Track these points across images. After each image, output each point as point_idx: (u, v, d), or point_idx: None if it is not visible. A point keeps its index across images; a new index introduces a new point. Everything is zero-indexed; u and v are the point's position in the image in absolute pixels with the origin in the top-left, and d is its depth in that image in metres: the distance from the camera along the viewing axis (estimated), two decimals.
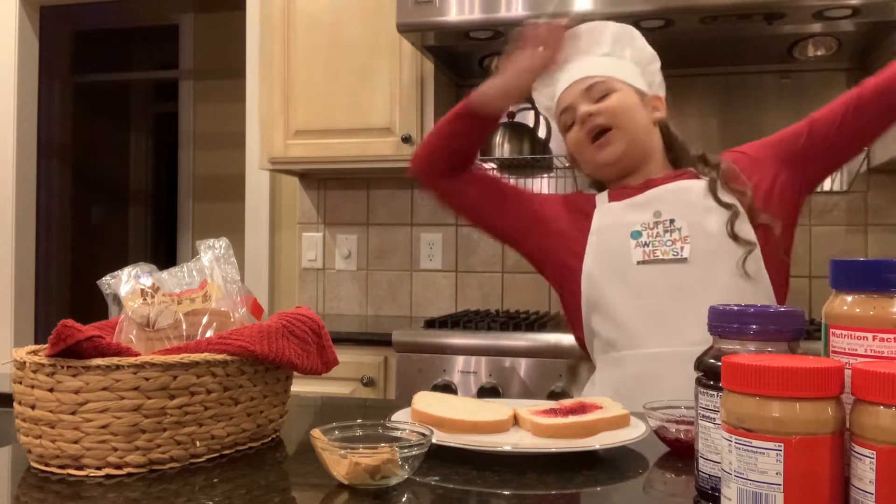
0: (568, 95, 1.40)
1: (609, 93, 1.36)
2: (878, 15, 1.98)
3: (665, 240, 1.29)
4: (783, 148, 1.35)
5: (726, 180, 1.32)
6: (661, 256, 1.29)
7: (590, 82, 1.38)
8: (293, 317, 0.95)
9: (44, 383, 0.78)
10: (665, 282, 1.28)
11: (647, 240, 1.31)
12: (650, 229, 1.31)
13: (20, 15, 3.18)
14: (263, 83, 2.62)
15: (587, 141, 1.37)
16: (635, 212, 1.34)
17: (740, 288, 1.26)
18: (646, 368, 1.27)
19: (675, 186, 1.35)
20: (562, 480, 0.77)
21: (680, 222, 1.30)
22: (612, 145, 1.36)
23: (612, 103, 1.35)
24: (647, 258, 1.30)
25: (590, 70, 1.39)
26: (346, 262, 2.89)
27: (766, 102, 2.53)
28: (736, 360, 0.57)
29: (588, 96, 1.37)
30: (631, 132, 1.36)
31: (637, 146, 1.38)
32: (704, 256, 1.28)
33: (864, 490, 0.53)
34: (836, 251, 2.49)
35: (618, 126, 1.35)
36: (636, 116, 1.37)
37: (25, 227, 3.24)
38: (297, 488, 0.78)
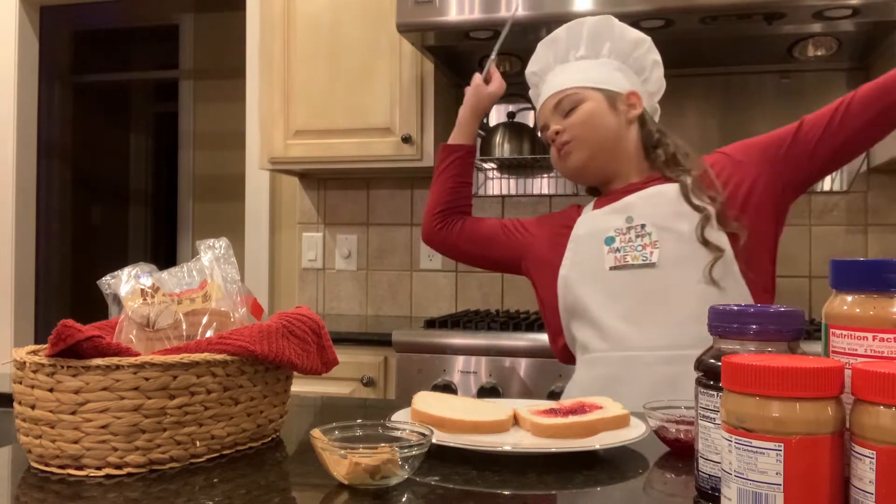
0: (543, 113, 1.46)
1: (577, 105, 1.39)
2: (878, 15, 1.98)
3: (636, 245, 1.31)
4: (769, 151, 1.34)
5: (699, 184, 1.32)
6: (632, 262, 1.31)
7: (559, 97, 1.42)
8: (293, 317, 0.95)
9: (44, 383, 0.78)
10: (634, 286, 1.30)
11: (619, 245, 1.33)
12: (623, 234, 1.33)
13: (20, 15, 3.18)
14: (263, 83, 2.62)
15: (556, 155, 1.44)
16: (611, 218, 1.37)
17: (708, 294, 1.26)
18: (612, 371, 1.30)
19: (649, 192, 1.36)
20: (562, 480, 0.77)
21: (650, 227, 1.31)
22: (572, 154, 1.40)
23: (576, 118, 1.39)
24: (619, 263, 1.32)
25: (560, 84, 1.43)
26: (346, 262, 2.89)
27: (766, 102, 2.53)
28: (736, 360, 0.57)
29: (558, 111, 1.42)
30: (593, 141, 1.39)
31: (603, 151, 1.40)
32: (673, 261, 1.28)
33: (864, 490, 0.53)
34: (836, 251, 2.49)
35: (578, 138, 1.39)
36: (602, 124, 1.39)
37: (25, 227, 3.24)
38: (297, 488, 0.78)
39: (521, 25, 2.13)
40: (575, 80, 1.42)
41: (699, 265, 1.27)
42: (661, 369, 1.25)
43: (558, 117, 1.42)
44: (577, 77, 1.42)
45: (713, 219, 1.28)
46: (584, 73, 1.42)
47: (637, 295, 1.30)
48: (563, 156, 1.41)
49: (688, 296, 1.27)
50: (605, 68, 1.43)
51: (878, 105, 1.25)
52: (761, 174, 1.33)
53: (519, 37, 2.23)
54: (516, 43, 2.31)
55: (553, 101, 1.43)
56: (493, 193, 2.77)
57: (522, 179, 2.74)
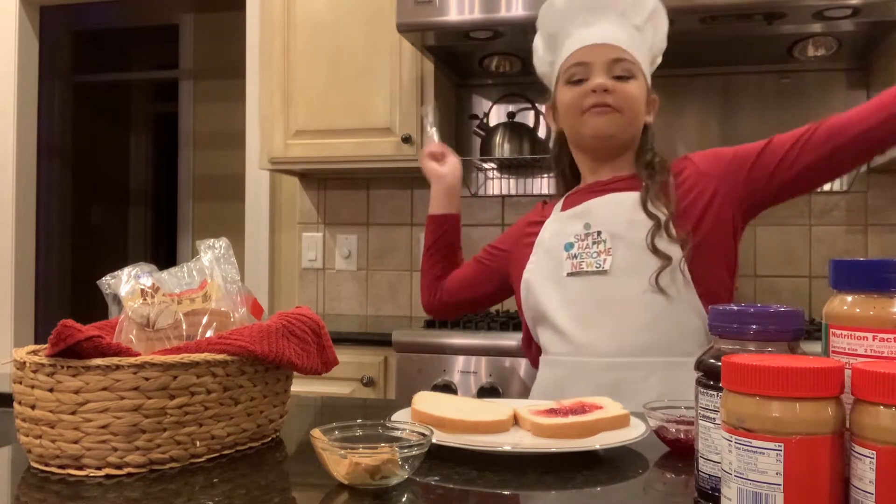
0: (591, 53, 1.33)
1: (631, 77, 1.32)
2: (878, 15, 1.98)
3: (592, 251, 1.30)
4: (733, 165, 1.32)
5: (658, 192, 1.30)
6: (586, 269, 1.30)
7: (618, 55, 1.32)
8: (293, 317, 0.95)
9: (44, 383, 0.78)
10: (588, 293, 1.30)
11: (576, 251, 1.32)
12: (581, 240, 1.32)
13: (20, 15, 3.18)
14: (263, 83, 2.62)
15: (587, 107, 1.32)
16: (572, 223, 1.35)
17: (654, 302, 1.25)
18: (563, 373, 1.31)
19: (608, 199, 1.34)
20: (562, 480, 0.77)
21: (605, 234, 1.30)
22: (608, 116, 1.31)
23: (628, 89, 1.31)
24: (575, 270, 1.31)
25: (622, 40, 1.32)
26: (346, 262, 2.89)
27: (766, 102, 2.53)
28: (736, 360, 0.57)
29: (610, 69, 1.32)
30: (630, 124, 1.34)
31: (626, 135, 1.35)
32: (623, 269, 1.27)
33: (864, 490, 0.53)
34: (836, 251, 2.49)
35: (622, 111, 1.32)
36: (640, 108, 1.35)
37: (25, 227, 3.24)
38: (297, 488, 0.78)
39: (521, 26, 2.13)
40: (636, 48, 1.33)
41: (648, 274, 1.26)
42: (604, 375, 1.25)
43: (608, 75, 1.32)
44: (632, 42, 1.33)
45: (664, 228, 1.26)
46: (641, 48, 1.35)
47: (590, 301, 1.29)
48: (600, 113, 1.32)
49: (636, 304, 1.26)
50: (648, 57, 1.38)
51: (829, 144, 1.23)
52: (721, 188, 1.31)
53: (519, 37, 2.23)
54: (516, 43, 2.32)
55: (611, 53, 1.32)
56: (492, 193, 2.77)
57: (522, 179, 2.74)
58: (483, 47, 2.38)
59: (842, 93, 2.49)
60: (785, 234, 2.53)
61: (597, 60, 1.32)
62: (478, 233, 2.78)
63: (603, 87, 1.30)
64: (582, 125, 1.35)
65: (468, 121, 2.73)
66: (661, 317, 1.25)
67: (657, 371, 1.24)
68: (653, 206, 1.28)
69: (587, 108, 1.32)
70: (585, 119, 1.33)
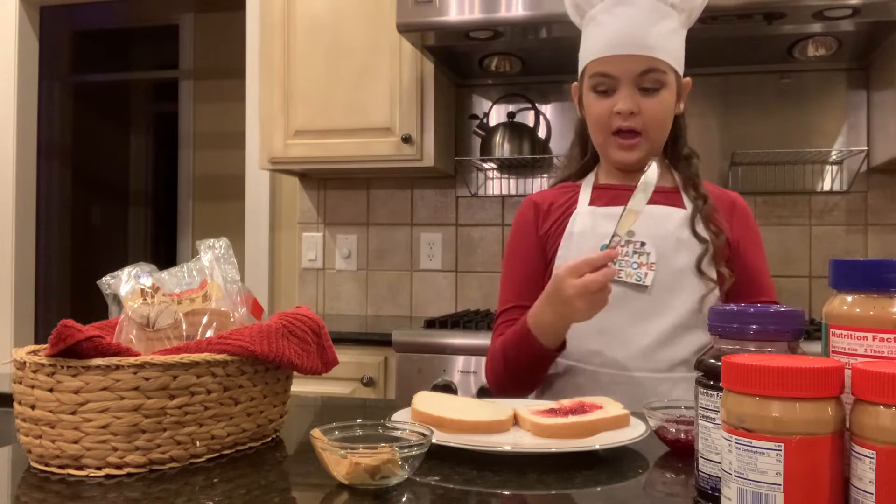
0: (616, 65, 1.25)
1: (661, 88, 1.26)
2: (878, 15, 1.98)
3: (632, 261, 1.25)
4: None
5: (707, 215, 1.28)
6: (625, 279, 1.24)
7: (647, 66, 1.24)
8: (293, 317, 0.95)
9: (44, 383, 0.78)
10: (622, 305, 1.23)
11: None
12: (621, 246, 1.25)
13: (20, 15, 3.18)
14: (263, 83, 2.62)
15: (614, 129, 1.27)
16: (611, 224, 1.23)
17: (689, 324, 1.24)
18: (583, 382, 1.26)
19: (657, 211, 1.27)
20: (562, 480, 0.77)
21: (650, 247, 1.25)
22: (636, 151, 1.28)
23: (656, 108, 1.26)
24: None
25: (651, 48, 1.24)
26: (346, 262, 2.89)
27: (766, 102, 2.53)
28: (736, 360, 0.57)
29: (638, 82, 1.25)
30: (657, 142, 1.30)
31: (654, 152, 1.30)
32: (664, 288, 1.24)
33: (864, 490, 0.53)
34: (836, 251, 2.49)
35: (648, 135, 1.27)
36: (667, 122, 1.30)
37: (25, 227, 3.24)
38: (297, 488, 0.78)
39: (521, 26, 2.13)
40: (664, 47, 1.25)
41: (685, 294, 1.24)
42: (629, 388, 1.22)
43: (635, 89, 1.25)
44: (666, 45, 1.25)
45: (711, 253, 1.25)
46: (670, 38, 1.26)
47: (622, 314, 1.23)
48: (627, 147, 1.27)
49: (670, 323, 1.24)
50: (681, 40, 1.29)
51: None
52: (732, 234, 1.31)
53: (519, 37, 2.23)
54: (516, 43, 2.32)
55: (639, 65, 1.24)
56: (492, 193, 2.77)
57: (522, 179, 2.74)
58: (483, 47, 2.38)
59: (842, 93, 2.49)
60: (785, 234, 2.53)
61: (623, 75, 1.25)
62: (478, 232, 2.78)
63: (629, 111, 1.25)
64: (608, 147, 1.31)
65: (468, 121, 2.73)
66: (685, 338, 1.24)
67: (679, 384, 1.23)
68: (701, 229, 1.26)
69: (614, 129, 1.27)
70: (611, 144, 1.29)
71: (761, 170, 2.53)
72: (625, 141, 1.27)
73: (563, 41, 2.19)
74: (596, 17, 1.29)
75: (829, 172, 2.50)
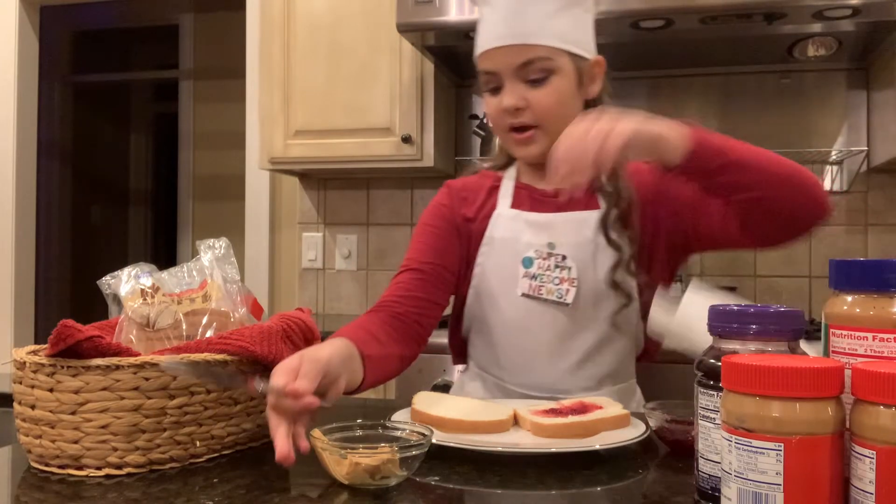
0: (496, 60, 1.15)
1: (549, 75, 1.13)
2: (878, 15, 1.98)
3: (553, 277, 1.16)
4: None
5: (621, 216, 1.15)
6: (546, 296, 1.16)
7: (528, 55, 1.12)
8: (292, 320, 0.95)
9: (44, 383, 0.78)
10: (543, 322, 1.16)
11: (536, 272, 1.17)
12: (543, 259, 1.17)
13: (20, 15, 3.18)
14: (263, 83, 2.62)
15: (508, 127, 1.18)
16: (532, 233, 1.19)
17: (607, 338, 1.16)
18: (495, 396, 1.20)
19: (575, 217, 1.18)
20: (562, 480, 0.77)
21: (571, 261, 1.16)
22: (534, 144, 1.16)
23: (545, 96, 1.13)
24: (533, 293, 1.16)
25: (528, 32, 1.12)
26: (346, 262, 2.89)
27: (766, 102, 2.53)
28: (736, 360, 0.57)
29: (521, 75, 1.14)
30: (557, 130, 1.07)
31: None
32: (587, 302, 1.15)
33: (864, 490, 0.53)
34: (836, 251, 2.49)
35: (544, 126, 1.15)
36: (568, 110, 1.15)
37: (25, 227, 3.23)
38: (297, 488, 0.78)
39: None
40: (547, 32, 1.12)
41: (606, 309, 1.15)
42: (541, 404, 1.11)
43: (519, 82, 1.14)
44: (549, 28, 1.12)
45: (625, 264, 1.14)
46: (557, 19, 1.13)
47: (543, 332, 1.16)
48: (523, 142, 1.17)
49: (588, 341, 1.16)
50: (578, 9, 1.16)
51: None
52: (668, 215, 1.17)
53: None
54: None
55: (518, 56, 1.13)
56: None
57: None
58: None
59: (842, 93, 2.49)
60: None
61: (504, 69, 1.14)
62: None
63: (514, 107, 1.14)
64: (508, 145, 1.22)
65: (468, 121, 2.73)
66: (608, 351, 1.17)
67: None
68: (615, 234, 1.15)
69: (508, 128, 1.18)
70: (510, 142, 1.20)
71: None
72: (519, 136, 1.17)
73: None
74: (481, 9, 1.19)
75: (829, 172, 2.50)
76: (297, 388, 0.79)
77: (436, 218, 1.28)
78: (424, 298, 1.20)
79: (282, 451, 0.77)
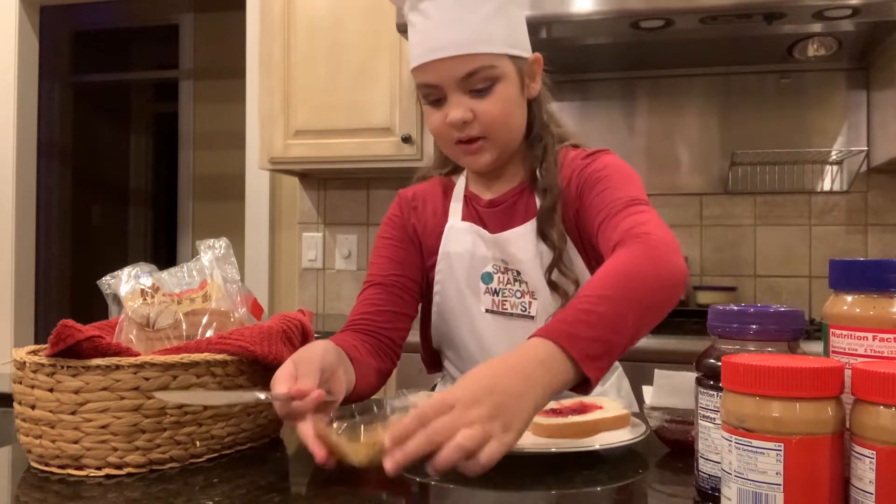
0: (436, 73, 1.09)
1: (493, 84, 1.08)
2: (878, 15, 1.98)
3: (514, 290, 1.15)
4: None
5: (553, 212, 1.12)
6: (510, 310, 1.15)
7: (470, 67, 1.07)
8: (292, 322, 0.95)
9: (44, 383, 0.78)
10: (513, 336, 1.12)
11: (497, 286, 1.16)
12: (501, 273, 1.16)
13: (20, 15, 3.18)
14: (263, 83, 2.62)
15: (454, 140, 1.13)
16: (485, 248, 1.17)
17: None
18: None
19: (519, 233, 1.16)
20: (562, 480, 0.77)
21: (525, 276, 1.14)
22: (484, 154, 1.13)
23: (492, 109, 1.09)
24: (496, 309, 1.16)
25: (470, 44, 1.07)
26: (346, 262, 2.89)
27: (766, 102, 2.53)
28: (736, 360, 0.57)
29: (465, 86, 1.08)
30: (505, 138, 1.13)
31: (508, 149, 1.16)
32: (546, 313, 1.13)
33: (864, 490, 0.53)
34: (836, 251, 2.49)
35: (492, 136, 1.11)
36: (514, 117, 1.13)
37: (25, 227, 3.23)
38: (297, 488, 0.78)
39: None
40: (487, 38, 1.07)
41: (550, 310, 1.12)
42: None
43: (463, 94, 1.09)
44: (488, 34, 1.07)
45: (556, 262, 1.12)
46: (495, 22, 1.08)
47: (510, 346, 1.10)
48: (470, 152, 1.13)
49: None
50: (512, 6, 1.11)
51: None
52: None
53: None
54: None
55: (460, 67, 1.07)
56: None
57: None
58: None
59: (842, 93, 2.49)
60: (785, 234, 2.53)
61: (446, 82, 1.09)
62: None
63: (462, 121, 1.09)
64: (457, 156, 1.17)
65: None
66: None
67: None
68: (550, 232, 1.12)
69: (455, 141, 1.13)
70: (457, 153, 1.16)
71: (761, 170, 2.53)
72: (468, 146, 1.13)
73: (563, 41, 2.19)
74: (408, 17, 1.15)
75: (829, 172, 2.50)
76: (301, 389, 0.81)
77: (391, 229, 1.26)
78: (392, 311, 1.20)
79: (320, 456, 0.77)
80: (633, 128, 2.57)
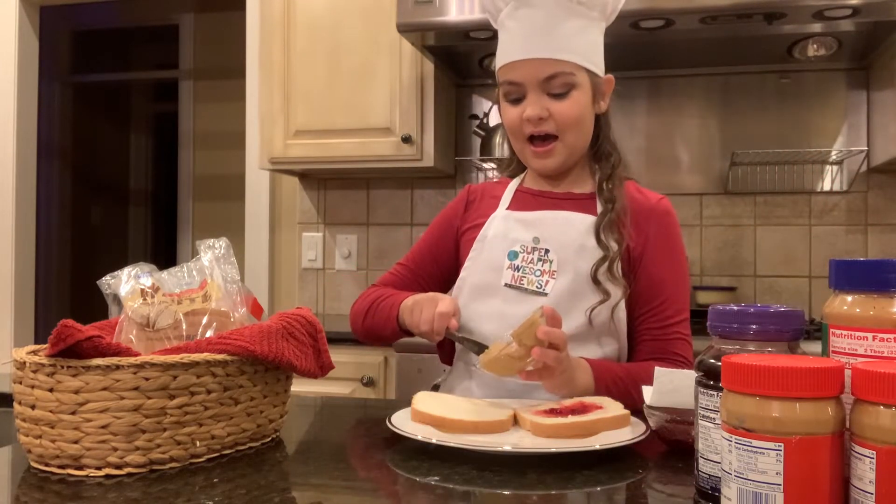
0: (521, 72, 1.21)
1: (570, 89, 1.21)
2: (878, 15, 1.98)
3: (535, 269, 1.22)
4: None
5: (612, 220, 1.22)
6: (527, 286, 1.22)
7: (552, 70, 1.19)
8: (292, 318, 0.95)
9: (44, 383, 0.78)
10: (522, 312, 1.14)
11: (520, 264, 1.23)
12: (527, 253, 1.23)
13: (20, 15, 3.18)
14: (263, 83, 2.62)
15: (526, 138, 1.25)
16: (519, 229, 1.26)
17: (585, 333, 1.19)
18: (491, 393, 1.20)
19: (561, 216, 1.25)
20: (562, 480, 0.77)
21: (553, 255, 1.22)
22: (553, 157, 1.25)
23: (567, 110, 1.21)
24: (514, 283, 1.23)
25: (557, 51, 1.19)
26: (346, 262, 2.89)
27: (766, 102, 2.53)
28: (736, 360, 0.57)
29: (545, 87, 1.21)
30: (574, 143, 1.25)
31: (575, 155, 1.27)
32: (564, 296, 1.19)
33: (864, 490, 0.53)
34: (836, 251, 2.49)
35: (564, 138, 1.23)
36: (585, 124, 1.25)
37: (25, 227, 3.24)
38: (297, 488, 0.78)
39: None
40: (572, 47, 1.20)
41: (586, 304, 1.19)
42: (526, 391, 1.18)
43: (543, 94, 1.21)
44: (574, 45, 1.20)
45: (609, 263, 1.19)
46: (579, 37, 1.21)
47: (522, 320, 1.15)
48: (540, 154, 1.24)
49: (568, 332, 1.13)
50: (595, 37, 1.24)
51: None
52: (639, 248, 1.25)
53: None
54: None
55: (542, 70, 1.20)
56: None
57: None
58: (483, 47, 2.38)
59: (842, 93, 2.49)
60: (785, 234, 2.53)
61: (528, 81, 1.21)
62: None
63: (538, 117, 1.21)
64: (525, 155, 1.28)
65: (468, 121, 2.73)
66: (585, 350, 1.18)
67: None
68: (605, 236, 1.21)
69: (527, 135, 1.24)
70: (527, 152, 1.26)
71: (761, 170, 2.53)
72: (539, 148, 1.24)
73: None
74: (503, 22, 1.25)
75: (829, 172, 2.50)
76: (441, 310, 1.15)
77: (443, 219, 1.40)
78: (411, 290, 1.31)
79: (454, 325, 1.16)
80: (633, 127, 2.57)
